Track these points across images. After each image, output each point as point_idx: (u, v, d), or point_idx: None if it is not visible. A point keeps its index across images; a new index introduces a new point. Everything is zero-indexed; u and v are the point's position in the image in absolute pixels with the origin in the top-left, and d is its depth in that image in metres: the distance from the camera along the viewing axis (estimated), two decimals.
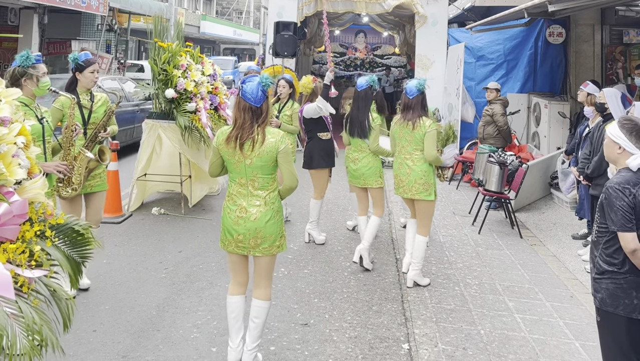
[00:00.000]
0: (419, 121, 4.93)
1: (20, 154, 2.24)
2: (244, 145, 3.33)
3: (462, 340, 4.08)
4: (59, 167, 4.06)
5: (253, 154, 3.33)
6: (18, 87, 3.78)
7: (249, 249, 3.42)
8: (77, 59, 4.66)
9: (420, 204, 5.02)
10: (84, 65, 4.66)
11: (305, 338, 4.06)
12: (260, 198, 3.39)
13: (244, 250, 3.43)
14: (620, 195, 2.82)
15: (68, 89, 4.64)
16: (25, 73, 4.01)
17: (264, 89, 3.36)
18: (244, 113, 3.36)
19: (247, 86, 3.36)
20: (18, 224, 2.16)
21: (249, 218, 3.37)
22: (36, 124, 3.96)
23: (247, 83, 3.39)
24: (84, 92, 4.71)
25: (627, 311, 2.83)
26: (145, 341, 3.92)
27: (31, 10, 16.48)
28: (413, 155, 5.00)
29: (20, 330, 1.91)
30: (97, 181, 4.75)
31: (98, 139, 4.69)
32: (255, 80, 3.38)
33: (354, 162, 5.62)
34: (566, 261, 5.96)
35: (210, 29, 32.68)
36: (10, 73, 4.01)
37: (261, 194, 3.40)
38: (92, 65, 4.70)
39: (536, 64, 11.00)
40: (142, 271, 5.21)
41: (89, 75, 4.69)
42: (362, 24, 17.95)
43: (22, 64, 4.01)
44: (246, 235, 3.38)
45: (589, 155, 5.72)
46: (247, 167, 3.36)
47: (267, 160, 3.35)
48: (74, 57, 4.68)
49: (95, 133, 4.66)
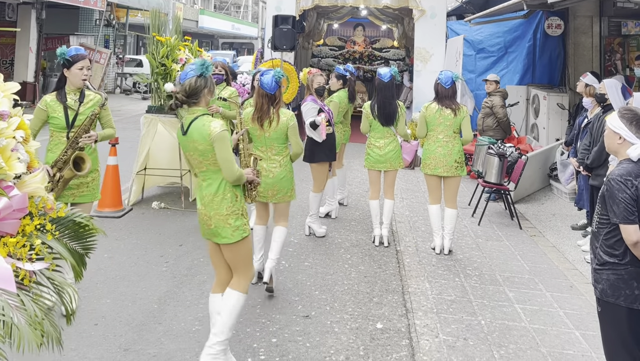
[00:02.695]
0: (459, 107, 5.68)
1: (20, 148, 2.23)
2: (263, 123, 4.49)
3: (463, 330, 4.10)
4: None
5: (270, 129, 4.49)
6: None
7: (268, 198, 4.61)
8: (64, 54, 4.21)
9: (455, 180, 5.72)
10: (71, 60, 4.21)
11: (307, 330, 4.08)
12: (276, 161, 4.59)
13: (263, 199, 4.58)
14: (622, 187, 2.81)
15: (57, 87, 4.29)
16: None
17: (277, 80, 4.39)
18: (262, 98, 4.46)
19: (265, 78, 4.40)
20: (18, 218, 2.16)
21: (268, 175, 4.53)
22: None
23: (264, 75, 4.43)
24: (72, 91, 4.28)
25: (628, 302, 2.84)
26: (147, 335, 3.93)
27: (29, 6, 16.42)
28: (452, 137, 5.68)
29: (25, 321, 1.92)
30: (83, 191, 4.27)
31: (79, 144, 4.18)
32: (270, 73, 4.41)
33: (380, 148, 5.95)
34: (566, 251, 5.98)
35: (208, 23, 32.63)
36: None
37: (277, 158, 4.60)
38: (80, 61, 4.22)
39: (535, 56, 10.99)
40: (143, 264, 5.22)
41: (77, 72, 4.23)
42: (361, 17, 17.87)
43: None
44: (266, 188, 4.51)
45: (589, 146, 5.72)
46: (266, 139, 4.55)
47: (280, 133, 4.52)
48: (61, 52, 4.25)
49: (75, 138, 4.17)
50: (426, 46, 11.43)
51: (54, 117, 4.21)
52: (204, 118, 3.30)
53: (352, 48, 18.95)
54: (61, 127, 4.24)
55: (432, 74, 10.35)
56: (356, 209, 7.34)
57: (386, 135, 5.95)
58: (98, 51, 18.51)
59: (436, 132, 5.73)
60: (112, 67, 21.74)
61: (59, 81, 4.33)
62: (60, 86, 4.30)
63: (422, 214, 7.07)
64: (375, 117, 5.92)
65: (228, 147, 3.29)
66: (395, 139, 5.99)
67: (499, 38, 11.28)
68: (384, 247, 5.92)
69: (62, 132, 4.25)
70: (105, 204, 6.68)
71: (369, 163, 6.01)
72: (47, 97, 4.27)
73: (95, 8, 18.61)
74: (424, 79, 11.00)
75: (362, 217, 7.00)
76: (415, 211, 7.29)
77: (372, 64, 18.69)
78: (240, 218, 3.39)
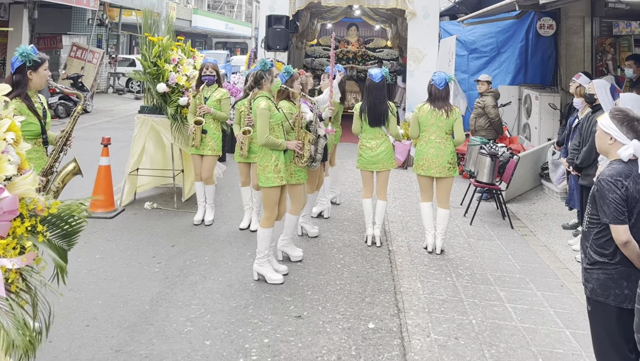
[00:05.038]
0: (452, 108, 5.70)
1: (10, 150, 2.23)
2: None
3: (454, 329, 4.12)
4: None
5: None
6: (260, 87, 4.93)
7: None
8: (30, 54, 3.86)
9: (448, 181, 5.75)
10: (39, 61, 3.91)
11: (299, 330, 4.09)
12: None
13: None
14: (612, 187, 2.83)
15: (20, 91, 3.85)
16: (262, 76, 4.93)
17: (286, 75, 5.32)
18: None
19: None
20: (8, 220, 2.15)
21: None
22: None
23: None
24: (33, 94, 3.97)
25: (618, 301, 2.86)
26: (139, 336, 3.93)
27: (21, 5, 16.32)
28: (444, 138, 5.70)
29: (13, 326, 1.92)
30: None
31: (66, 148, 4.03)
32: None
33: (372, 149, 5.95)
34: (557, 250, 6.01)
35: (201, 22, 32.56)
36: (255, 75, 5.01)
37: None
38: (46, 61, 3.98)
39: (527, 56, 11.04)
40: (135, 265, 5.22)
41: (44, 73, 3.96)
42: (354, 17, 17.89)
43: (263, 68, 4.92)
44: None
45: (578, 146, 5.76)
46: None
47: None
48: (26, 52, 3.86)
49: (66, 140, 4.01)
50: (419, 46, 11.46)
51: (30, 123, 3.82)
52: (260, 98, 4.83)
53: (345, 48, 18.96)
54: (36, 134, 3.94)
55: (425, 74, 10.42)
56: (349, 209, 7.35)
57: (377, 136, 5.95)
58: (91, 51, 18.42)
59: (428, 133, 5.76)
60: (104, 67, 21.66)
61: (18, 84, 3.86)
62: (23, 89, 3.88)
63: (415, 214, 7.10)
64: (365, 118, 5.93)
65: (262, 121, 4.69)
66: (387, 140, 6.00)
67: (492, 38, 11.33)
68: (376, 247, 5.94)
69: (37, 139, 3.96)
70: (98, 205, 6.66)
71: (361, 164, 6.03)
72: (12, 103, 3.86)
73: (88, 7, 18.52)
74: (417, 79, 11.04)
75: (355, 217, 7.01)
76: (407, 211, 7.32)
77: (365, 64, 18.71)
78: (271, 172, 4.75)
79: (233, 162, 7.22)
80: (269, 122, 4.74)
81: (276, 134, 4.83)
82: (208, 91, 6.38)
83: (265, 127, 4.71)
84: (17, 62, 3.88)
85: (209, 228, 6.35)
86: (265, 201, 4.89)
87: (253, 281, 4.91)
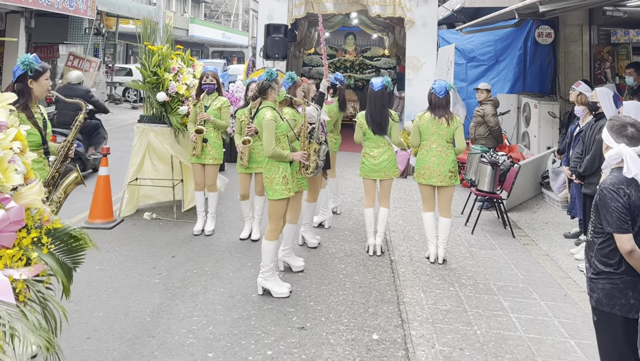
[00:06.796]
0: (452, 117, 5.68)
1: (17, 159, 2.20)
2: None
3: (459, 340, 4.08)
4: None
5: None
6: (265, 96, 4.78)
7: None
8: (32, 63, 3.83)
9: (449, 189, 5.73)
10: (41, 70, 3.88)
11: (302, 342, 4.04)
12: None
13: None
14: (614, 196, 2.82)
15: (23, 102, 3.80)
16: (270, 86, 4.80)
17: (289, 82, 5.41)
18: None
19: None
20: (14, 231, 2.12)
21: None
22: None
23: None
24: (34, 104, 3.92)
25: (624, 311, 2.84)
26: (141, 348, 3.88)
27: (18, 15, 16.30)
28: (445, 147, 5.69)
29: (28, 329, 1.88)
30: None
31: (69, 157, 4.04)
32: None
33: (375, 157, 5.95)
34: (559, 260, 5.99)
35: (198, 32, 32.61)
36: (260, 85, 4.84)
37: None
38: (47, 70, 3.96)
39: (525, 65, 11.07)
40: (136, 276, 5.16)
41: (45, 82, 3.93)
42: (352, 25, 17.95)
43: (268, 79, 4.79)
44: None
45: (581, 154, 5.75)
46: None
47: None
48: (28, 61, 3.83)
49: (68, 150, 4.01)
50: (418, 55, 11.47)
51: (30, 133, 3.62)
52: (265, 109, 4.72)
53: (343, 57, 19.01)
54: (37, 145, 3.87)
55: (423, 83, 10.43)
56: (349, 219, 7.32)
57: (380, 144, 5.94)
58: (88, 60, 18.40)
59: (429, 142, 5.75)
60: (101, 76, 21.62)
61: (21, 93, 3.75)
62: (26, 99, 3.82)
63: (416, 223, 7.07)
64: (369, 126, 5.92)
65: (268, 133, 4.59)
66: (389, 149, 5.99)
67: (490, 47, 11.36)
68: (377, 256, 5.90)
69: (38, 150, 3.88)
70: (96, 215, 6.62)
71: (364, 172, 6.01)
72: (13, 113, 3.85)
73: (85, 17, 18.49)
74: (416, 88, 11.04)
75: (356, 226, 6.98)
76: (408, 220, 7.29)
77: (363, 73, 18.76)
78: (279, 184, 4.69)
79: (233, 173, 7.19)
80: (275, 133, 4.67)
81: (282, 145, 4.77)
82: (208, 100, 6.36)
83: (272, 139, 4.61)
84: (19, 71, 3.85)
85: (210, 238, 6.30)
86: (271, 213, 4.81)
87: (255, 292, 4.86)
